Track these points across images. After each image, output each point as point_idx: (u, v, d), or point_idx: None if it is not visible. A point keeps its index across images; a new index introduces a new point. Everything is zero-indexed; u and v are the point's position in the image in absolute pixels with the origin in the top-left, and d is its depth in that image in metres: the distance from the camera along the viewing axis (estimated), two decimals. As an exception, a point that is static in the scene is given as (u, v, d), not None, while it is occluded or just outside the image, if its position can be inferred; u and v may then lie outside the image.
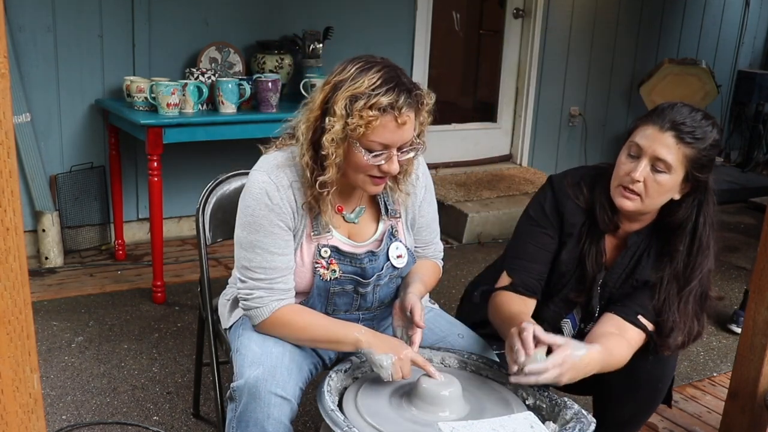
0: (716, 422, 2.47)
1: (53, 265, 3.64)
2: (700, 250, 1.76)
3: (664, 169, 1.68)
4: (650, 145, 1.68)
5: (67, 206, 3.71)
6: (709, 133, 1.68)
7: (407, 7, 4.58)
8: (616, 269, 1.84)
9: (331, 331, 1.62)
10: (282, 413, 1.54)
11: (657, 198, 1.72)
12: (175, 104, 3.21)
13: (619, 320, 1.77)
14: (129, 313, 3.20)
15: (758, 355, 2.13)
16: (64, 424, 2.39)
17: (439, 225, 1.91)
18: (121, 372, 2.72)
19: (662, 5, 5.72)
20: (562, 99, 5.43)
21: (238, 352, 1.66)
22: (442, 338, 1.82)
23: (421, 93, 1.56)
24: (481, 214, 4.38)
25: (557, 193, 1.87)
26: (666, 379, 1.89)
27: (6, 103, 0.79)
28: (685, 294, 1.77)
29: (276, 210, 1.61)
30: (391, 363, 1.53)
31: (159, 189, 3.16)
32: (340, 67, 1.57)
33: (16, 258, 0.82)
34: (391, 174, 1.59)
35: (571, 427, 1.45)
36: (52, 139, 3.66)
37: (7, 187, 0.80)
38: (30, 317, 0.85)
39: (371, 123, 1.50)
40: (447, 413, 1.48)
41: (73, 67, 3.63)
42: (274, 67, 3.88)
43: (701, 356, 3.13)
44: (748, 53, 6.57)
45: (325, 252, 1.67)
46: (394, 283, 1.78)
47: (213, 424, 2.41)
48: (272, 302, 1.63)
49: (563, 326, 1.95)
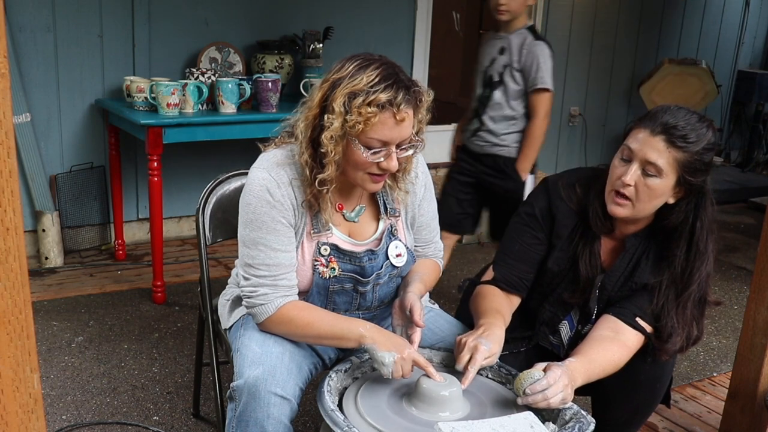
0: (716, 422, 2.47)
1: (53, 265, 3.64)
2: (698, 254, 1.75)
3: (654, 173, 1.67)
4: (641, 149, 1.68)
5: (67, 206, 3.71)
6: (702, 137, 1.66)
7: (407, 7, 4.58)
8: (615, 272, 1.84)
9: (335, 327, 1.62)
10: (282, 413, 1.54)
11: (648, 203, 1.71)
12: (175, 104, 3.21)
13: (617, 322, 1.77)
14: (129, 313, 3.20)
15: (758, 355, 2.14)
16: (64, 424, 2.39)
17: (439, 224, 1.91)
18: (121, 372, 2.72)
19: (662, 5, 5.72)
20: (562, 99, 5.43)
21: (239, 352, 1.66)
22: (442, 338, 1.82)
23: (419, 90, 1.57)
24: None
25: (551, 195, 1.87)
26: (664, 380, 1.89)
27: (6, 103, 0.79)
28: (684, 298, 1.77)
29: (277, 207, 1.61)
30: (392, 361, 1.53)
31: (159, 189, 3.17)
32: (338, 65, 1.57)
33: (16, 258, 0.82)
34: (390, 171, 1.59)
35: (570, 427, 1.45)
36: (52, 139, 3.66)
37: (7, 187, 0.80)
38: (30, 317, 0.85)
39: (370, 120, 1.50)
40: (447, 413, 1.48)
41: (73, 67, 3.63)
42: (274, 67, 3.89)
43: (701, 356, 3.13)
44: (748, 53, 6.58)
45: (324, 250, 1.67)
46: (394, 282, 1.78)
47: (213, 424, 2.41)
48: (276, 299, 1.63)
49: (561, 328, 1.95)
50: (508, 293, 1.87)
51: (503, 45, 2.96)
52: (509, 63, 2.93)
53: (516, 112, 2.98)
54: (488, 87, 3.00)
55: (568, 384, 1.53)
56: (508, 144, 3.01)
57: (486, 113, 3.01)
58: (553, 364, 1.57)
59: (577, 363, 1.62)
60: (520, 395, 1.53)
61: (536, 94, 2.94)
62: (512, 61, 2.93)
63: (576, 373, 1.59)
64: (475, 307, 1.81)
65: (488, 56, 3.00)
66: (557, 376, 1.52)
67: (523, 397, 1.52)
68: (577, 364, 1.62)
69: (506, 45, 2.95)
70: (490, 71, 2.98)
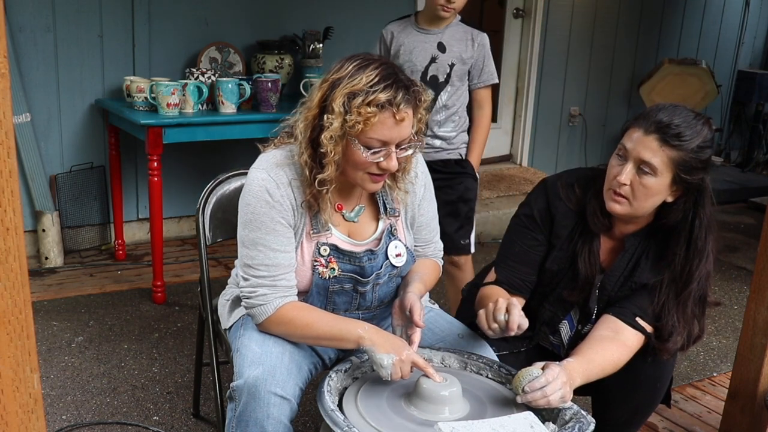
0: (716, 422, 2.47)
1: (53, 265, 3.64)
2: (697, 253, 1.75)
3: (649, 171, 1.67)
4: (635, 148, 1.68)
5: (67, 206, 3.71)
6: (698, 134, 1.66)
7: (407, 7, 4.58)
8: (614, 272, 1.84)
9: (334, 328, 1.62)
10: (281, 413, 1.54)
11: (645, 201, 1.71)
12: (175, 104, 3.21)
13: (617, 322, 1.77)
14: (129, 313, 3.20)
15: (758, 355, 2.14)
16: (64, 424, 2.39)
17: (438, 224, 1.91)
18: (121, 372, 2.72)
19: (662, 5, 5.72)
20: (562, 99, 5.43)
21: (238, 352, 1.66)
22: (442, 338, 1.82)
23: (418, 90, 1.57)
24: (481, 214, 4.37)
25: (550, 195, 1.87)
26: (664, 380, 1.89)
27: (6, 103, 0.79)
28: (684, 297, 1.77)
29: (277, 207, 1.61)
30: (391, 363, 1.53)
31: (159, 189, 3.17)
32: (337, 65, 1.57)
33: (16, 258, 0.82)
34: (389, 171, 1.60)
35: (570, 427, 1.45)
36: (52, 139, 3.66)
37: (7, 187, 0.80)
38: (30, 317, 0.85)
39: (369, 120, 1.50)
40: (447, 413, 1.48)
41: (73, 67, 3.63)
42: (274, 67, 3.89)
43: (701, 356, 3.13)
44: (748, 53, 6.57)
45: (324, 250, 1.67)
46: (394, 282, 1.78)
47: (213, 424, 2.41)
48: (276, 299, 1.63)
49: (561, 328, 1.95)
50: (512, 295, 1.87)
51: (440, 41, 2.67)
52: (456, 60, 2.67)
53: (461, 110, 2.76)
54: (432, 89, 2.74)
55: (567, 381, 1.53)
56: (458, 146, 2.78)
57: (431, 118, 2.70)
58: (552, 363, 1.57)
59: (576, 363, 1.62)
60: (518, 393, 1.53)
61: (486, 89, 2.76)
62: (461, 58, 2.67)
63: (574, 373, 1.59)
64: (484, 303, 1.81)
65: (422, 54, 2.68)
66: (556, 373, 1.52)
67: (522, 395, 1.52)
68: (575, 363, 1.62)
69: (444, 41, 2.67)
70: (432, 71, 2.68)
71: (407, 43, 2.70)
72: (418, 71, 2.68)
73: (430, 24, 2.70)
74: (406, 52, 2.70)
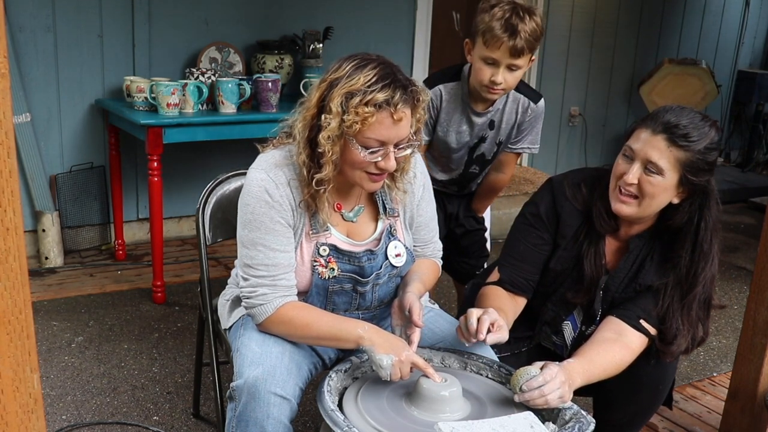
0: (716, 422, 2.48)
1: (53, 265, 3.64)
2: (702, 256, 1.74)
3: (656, 172, 1.67)
4: (642, 148, 1.68)
5: (67, 206, 3.71)
6: (705, 136, 1.66)
7: (407, 7, 4.58)
8: (619, 273, 1.84)
9: (334, 328, 1.62)
10: (281, 413, 1.54)
11: (652, 202, 1.71)
12: (175, 104, 3.21)
13: (620, 324, 1.76)
14: (129, 313, 3.20)
15: (758, 355, 2.14)
16: (64, 424, 2.39)
17: (438, 224, 1.91)
18: (121, 372, 2.72)
19: (662, 5, 5.72)
20: (562, 99, 5.43)
21: (238, 352, 1.66)
22: (442, 338, 1.82)
23: (416, 89, 1.57)
24: (481, 214, 4.37)
25: (556, 195, 1.86)
26: (667, 381, 1.89)
27: (6, 103, 0.79)
28: (689, 300, 1.76)
29: (276, 207, 1.61)
30: (390, 364, 1.53)
31: (159, 189, 3.17)
32: (335, 65, 1.57)
33: (16, 258, 0.82)
34: (388, 171, 1.60)
35: (570, 427, 1.45)
36: (52, 139, 3.66)
37: (7, 187, 0.80)
38: (30, 317, 0.85)
39: (367, 119, 1.50)
40: (447, 413, 1.48)
41: (73, 67, 3.63)
42: (274, 67, 3.89)
43: (701, 356, 3.13)
44: (748, 53, 6.58)
45: (323, 250, 1.67)
46: (393, 282, 1.78)
47: (213, 424, 2.41)
48: (276, 299, 1.63)
49: (564, 328, 1.95)
50: (514, 294, 1.87)
51: (493, 119, 2.37)
52: (505, 138, 2.42)
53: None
54: (478, 165, 2.49)
55: (566, 381, 1.53)
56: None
57: (468, 188, 2.59)
58: (550, 362, 1.57)
59: (576, 363, 1.62)
60: (516, 392, 1.53)
61: (518, 155, 2.54)
62: (510, 135, 2.41)
63: (574, 373, 1.59)
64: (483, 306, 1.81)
65: (473, 132, 2.38)
66: (554, 373, 1.52)
67: (519, 394, 1.52)
68: (576, 364, 1.62)
69: (496, 118, 2.38)
70: (480, 149, 2.43)
71: (455, 120, 2.37)
72: (467, 147, 2.42)
73: (481, 104, 2.34)
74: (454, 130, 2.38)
